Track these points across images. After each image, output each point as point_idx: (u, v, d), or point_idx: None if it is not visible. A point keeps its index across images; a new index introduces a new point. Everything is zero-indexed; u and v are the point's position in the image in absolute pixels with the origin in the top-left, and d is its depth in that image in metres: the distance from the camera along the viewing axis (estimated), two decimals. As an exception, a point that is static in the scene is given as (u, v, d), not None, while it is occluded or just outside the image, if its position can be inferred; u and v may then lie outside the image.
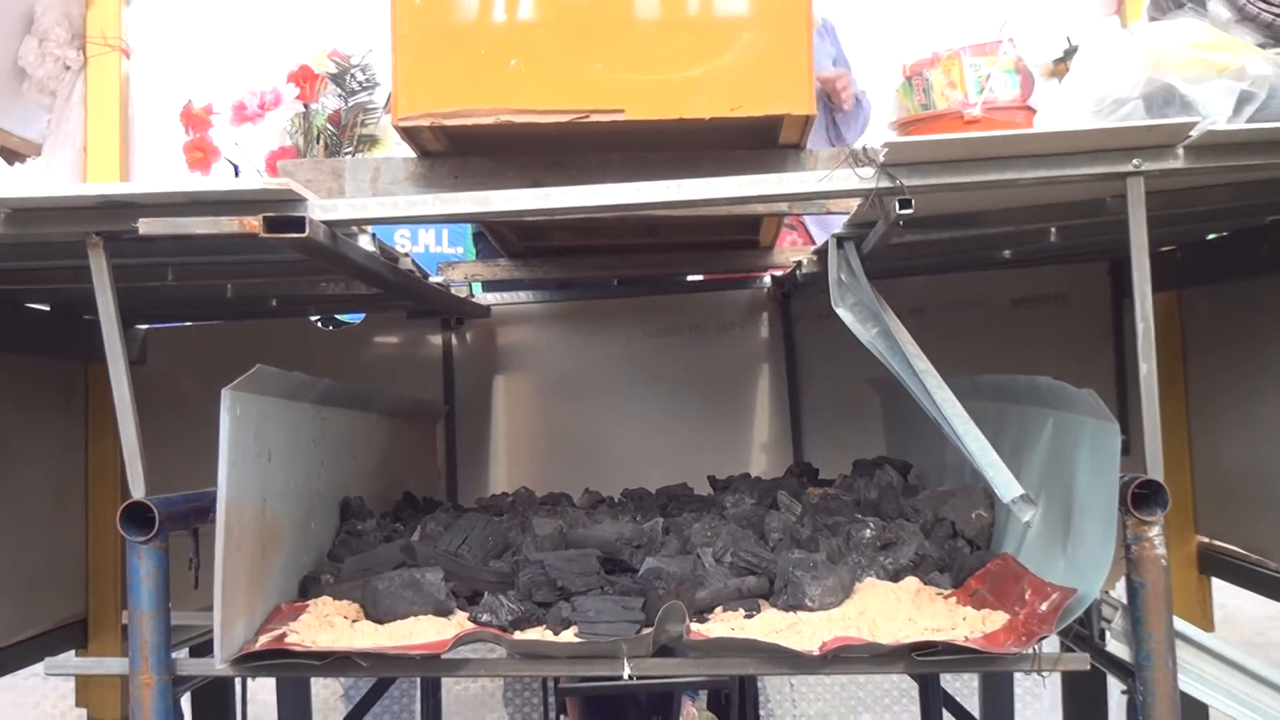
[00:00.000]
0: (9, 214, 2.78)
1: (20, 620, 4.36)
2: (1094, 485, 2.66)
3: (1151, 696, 2.60)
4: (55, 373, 4.62)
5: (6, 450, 4.35)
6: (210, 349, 4.95)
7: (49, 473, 4.61)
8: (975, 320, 4.62)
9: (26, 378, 4.47)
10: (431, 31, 3.12)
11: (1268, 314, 4.10)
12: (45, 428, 4.61)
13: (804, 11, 3.14)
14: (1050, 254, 4.07)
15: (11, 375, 4.37)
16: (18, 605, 4.36)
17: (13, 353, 4.39)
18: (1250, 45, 3.30)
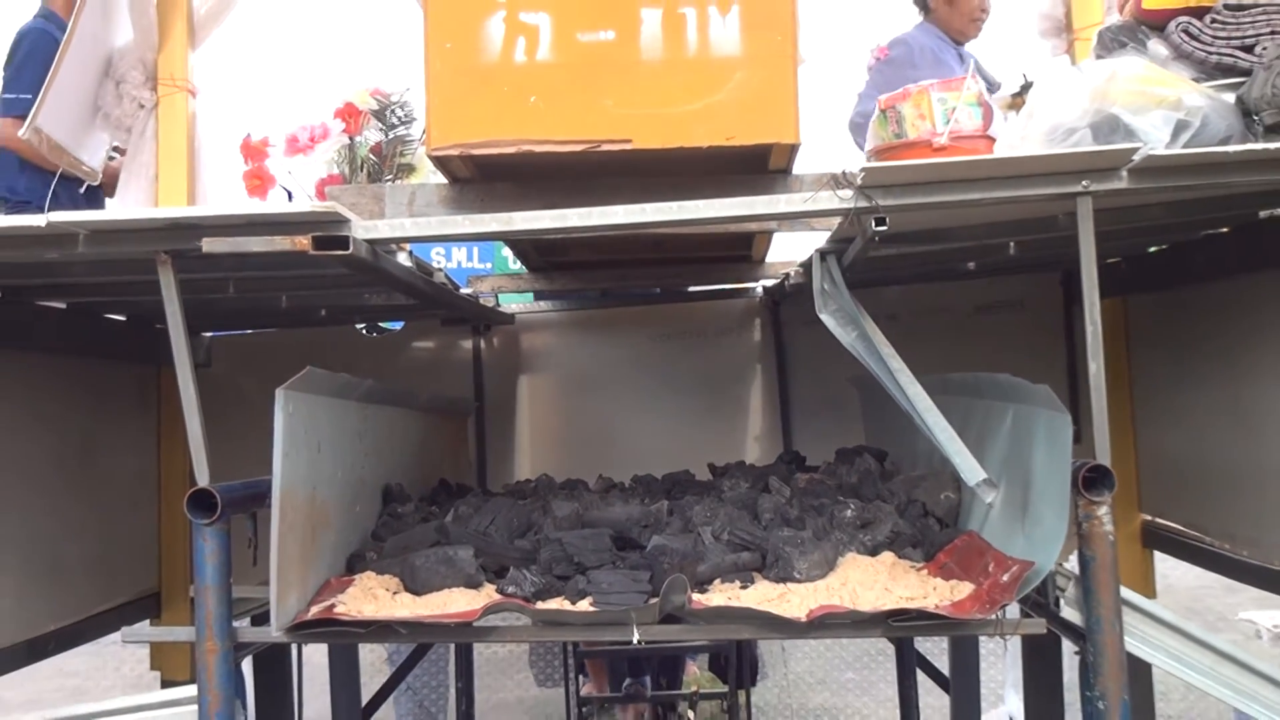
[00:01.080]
0: (89, 234, 2.79)
1: (102, 594, 4.36)
2: (1049, 470, 2.66)
3: (1101, 657, 2.60)
4: (131, 376, 4.62)
5: (89, 444, 4.35)
6: (267, 354, 4.96)
7: (126, 464, 4.62)
8: (943, 324, 4.62)
9: (106, 380, 4.47)
10: (460, 72, 3.12)
11: (1203, 318, 4.10)
12: (123, 425, 4.62)
13: (790, 53, 3.14)
14: (1009, 265, 4.06)
15: (93, 378, 4.38)
16: (99, 581, 4.36)
17: (94, 358, 4.40)
18: (1186, 80, 3.29)
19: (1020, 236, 3.46)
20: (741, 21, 3.13)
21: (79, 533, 4.24)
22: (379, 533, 3.39)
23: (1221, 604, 6.38)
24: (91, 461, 4.37)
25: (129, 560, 4.61)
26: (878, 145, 3.74)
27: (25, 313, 3.89)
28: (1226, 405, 3.98)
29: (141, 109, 4.86)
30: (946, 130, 3.53)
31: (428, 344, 5.29)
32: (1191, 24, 3.49)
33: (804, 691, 7.77)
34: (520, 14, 3.13)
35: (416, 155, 3.99)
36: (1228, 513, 4.06)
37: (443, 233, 3.18)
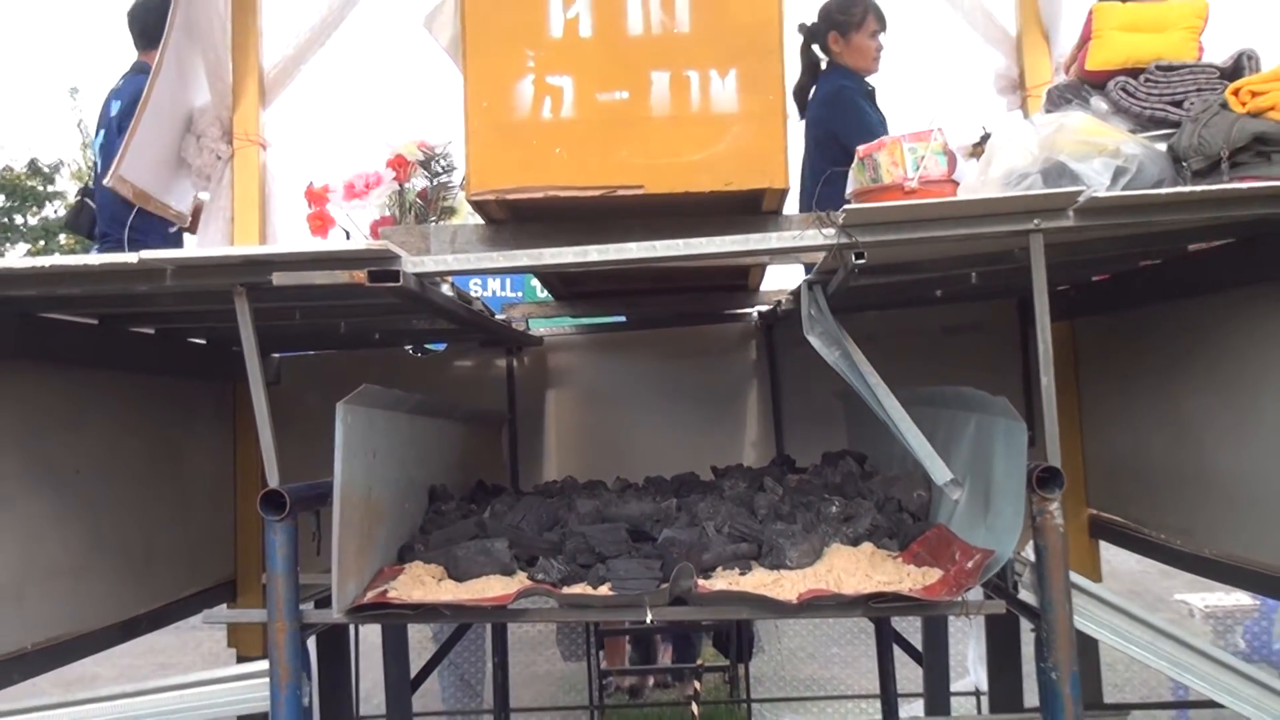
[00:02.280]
0: (175, 270, 2.80)
1: (185, 581, 4.37)
2: (1007, 471, 2.66)
3: (1053, 634, 2.60)
4: (210, 392, 4.64)
5: (175, 451, 4.37)
6: (328, 372, 4.96)
7: (206, 468, 4.63)
8: (914, 344, 4.61)
9: (189, 396, 4.49)
10: (496, 127, 3.13)
11: (1141, 338, 4.09)
12: (203, 434, 4.63)
13: (779, 110, 3.15)
14: (971, 292, 4.06)
15: (178, 394, 4.39)
16: (182, 570, 4.37)
17: (179, 376, 4.41)
18: (1123, 131, 3.30)
19: (980, 268, 3.46)
20: (738, 83, 3.13)
21: (166, 527, 4.25)
22: (426, 527, 3.39)
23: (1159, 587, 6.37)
24: (176, 466, 4.38)
25: (208, 551, 4.61)
26: (856, 189, 3.75)
27: (120, 338, 3.91)
28: (1162, 414, 3.98)
29: (219, 160, 4.88)
30: (916, 175, 3.54)
31: (467, 363, 5.29)
32: (1128, 83, 3.51)
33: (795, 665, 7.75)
34: (547, 77, 3.14)
35: (457, 199, 3.99)
36: (1164, 507, 4.06)
37: (480, 266, 3.21)
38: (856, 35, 5.12)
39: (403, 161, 3.98)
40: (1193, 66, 3.49)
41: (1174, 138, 3.27)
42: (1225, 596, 6.62)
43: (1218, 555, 3.72)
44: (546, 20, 3.16)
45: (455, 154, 4.05)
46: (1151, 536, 4.16)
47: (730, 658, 7.03)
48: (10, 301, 3.19)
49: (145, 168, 4.48)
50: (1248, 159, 3.08)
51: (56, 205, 18.13)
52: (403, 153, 4.00)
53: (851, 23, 5.09)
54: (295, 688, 2.66)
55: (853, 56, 5.17)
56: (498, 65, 3.13)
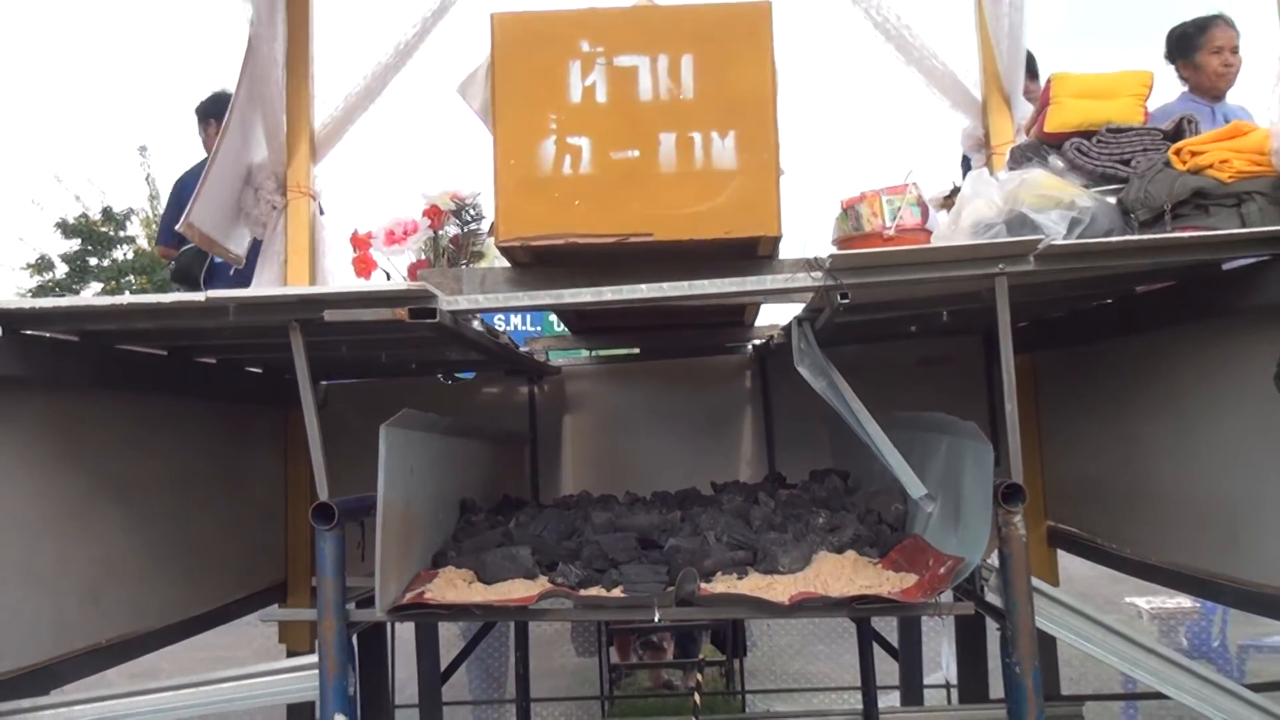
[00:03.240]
0: (238, 307, 2.81)
1: (240, 583, 4.37)
2: (975, 487, 2.66)
3: (1017, 632, 2.60)
4: (266, 415, 4.65)
5: (233, 468, 4.38)
6: (371, 397, 4.97)
7: (260, 483, 4.64)
8: (892, 374, 4.61)
9: (246, 418, 4.50)
10: (521, 181, 3.15)
11: (1094, 369, 4.10)
12: (258, 453, 4.64)
13: (773, 167, 3.16)
14: (942, 329, 4.06)
15: (236, 416, 4.41)
16: (239, 573, 4.38)
17: (237, 401, 4.43)
18: (1078, 186, 3.31)
19: (951, 307, 3.48)
20: (736, 143, 3.14)
21: (223, 536, 4.26)
22: (457, 536, 3.39)
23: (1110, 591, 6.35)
24: (234, 481, 4.39)
25: (261, 557, 4.62)
26: (839, 237, 3.76)
27: (186, 367, 3.92)
28: (1112, 437, 3.98)
29: (275, 210, 4.89)
30: (894, 224, 3.55)
31: (493, 390, 5.29)
32: (1082, 143, 3.52)
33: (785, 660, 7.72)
34: (567, 137, 3.15)
35: (485, 245, 4.00)
36: (1114, 520, 4.06)
37: (507, 305, 3.22)
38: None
39: (437, 211, 3.99)
40: (1139, 129, 3.51)
41: (1123, 192, 3.29)
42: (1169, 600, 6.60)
43: (1162, 563, 3.72)
44: (567, 88, 3.17)
45: (484, 204, 4.06)
46: (1104, 546, 4.17)
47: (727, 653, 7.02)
48: (91, 335, 3.22)
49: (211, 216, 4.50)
50: (1188, 211, 3.09)
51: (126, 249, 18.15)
52: (437, 203, 4.01)
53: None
54: (342, 679, 2.66)
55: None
56: (524, 127, 3.15)
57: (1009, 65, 4.77)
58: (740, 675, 7.02)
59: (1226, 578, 3.31)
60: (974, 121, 4.99)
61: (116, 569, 3.53)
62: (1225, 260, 3.01)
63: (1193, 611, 6.68)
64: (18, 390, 3.01)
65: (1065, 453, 4.40)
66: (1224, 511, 3.28)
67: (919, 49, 5.03)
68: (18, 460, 3.04)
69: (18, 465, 3.03)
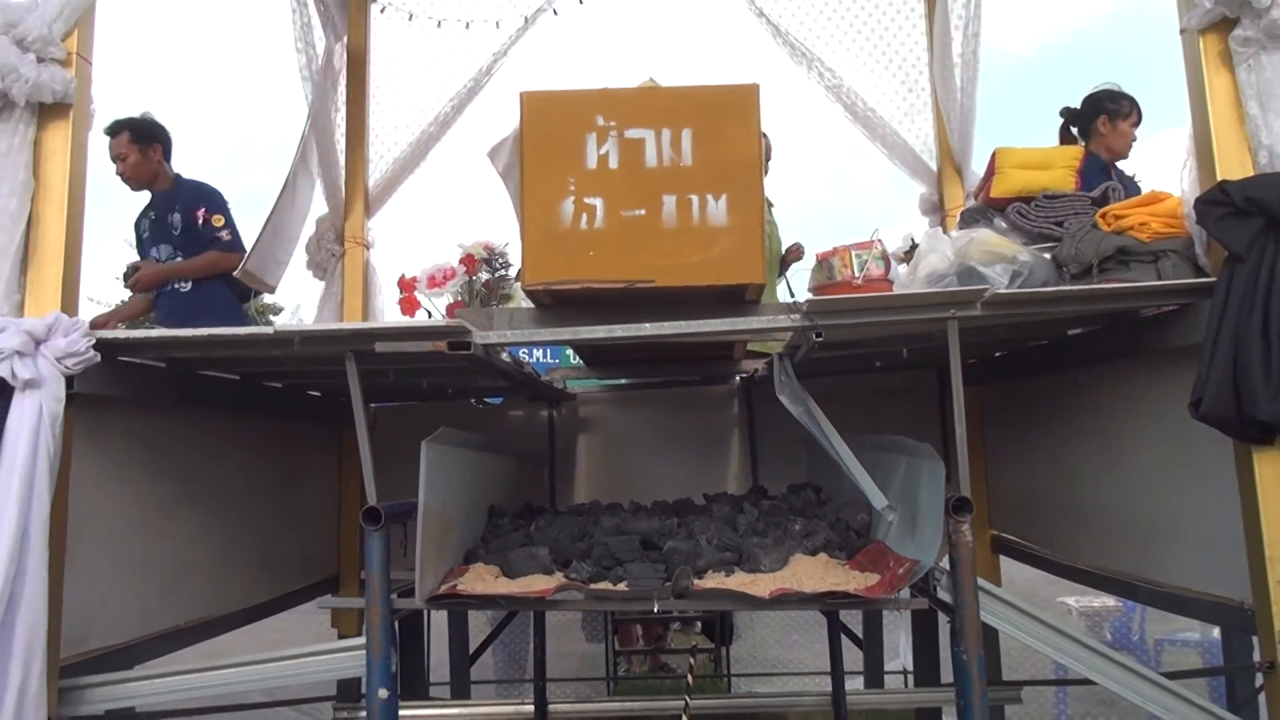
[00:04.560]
0: (301, 339, 2.83)
1: (298, 577, 4.38)
2: (930, 499, 2.67)
3: (964, 625, 2.60)
4: (323, 432, 4.66)
5: (294, 477, 4.39)
6: (414, 418, 4.97)
7: (317, 489, 4.65)
8: (860, 403, 4.55)
9: (306, 435, 4.52)
10: (545, 235, 3.16)
11: (1031, 400, 4.12)
12: (315, 464, 4.65)
13: (758, 224, 3.16)
14: (902, 364, 4.08)
15: (297, 433, 4.42)
16: (298, 567, 4.39)
17: (299, 420, 4.45)
18: (1019, 244, 3.33)
19: (910, 345, 3.48)
20: (727, 204, 3.15)
21: (286, 535, 4.27)
22: (486, 537, 3.40)
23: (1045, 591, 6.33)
24: (294, 488, 4.41)
25: (316, 554, 4.63)
26: (814, 285, 3.78)
27: (255, 390, 3.95)
28: (1047, 458, 3.99)
29: (333, 257, 4.92)
30: (861, 275, 3.57)
31: (518, 412, 5.29)
32: (1022, 207, 3.55)
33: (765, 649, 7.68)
34: (584, 198, 3.16)
35: (513, 288, 4.00)
36: (1049, 529, 4.06)
37: (531, 339, 3.23)
38: (1123, 123, 4.69)
39: (472, 259, 4.00)
40: (1071, 196, 3.54)
41: (1057, 249, 3.30)
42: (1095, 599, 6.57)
43: (1089, 567, 3.72)
44: (584, 155, 3.19)
45: (511, 253, 4.06)
46: (1040, 552, 4.17)
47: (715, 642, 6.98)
48: (176, 362, 3.24)
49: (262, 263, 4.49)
50: (1112, 266, 3.11)
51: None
52: (471, 252, 4.01)
53: (1120, 112, 4.65)
54: (386, 658, 2.66)
55: (1114, 139, 4.76)
56: (547, 189, 3.17)
57: (960, 141, 4.80)
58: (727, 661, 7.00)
59: (1143, 580, 3.31)
60: (930, 188, 5.02)
61: (193, 563, 3.54)
62: (1144, 308, 3.04)
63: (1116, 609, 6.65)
64: (112, 409, 3.02)
65: (1007, 471, 4.40)
66: (1142, 523, 3.29)
67: (882, 127, 5.07)
68: (111, 468, 3.06)
69: (110, 473, 3.05)
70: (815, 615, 6.14)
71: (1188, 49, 2.83)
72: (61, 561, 2.69)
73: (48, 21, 2.73)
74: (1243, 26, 2.68)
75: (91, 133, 2.97)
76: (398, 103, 5.16)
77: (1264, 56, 2.67)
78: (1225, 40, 2.73)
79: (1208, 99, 2.74)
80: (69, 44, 2.80)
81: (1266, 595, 2.56)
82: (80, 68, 2.83)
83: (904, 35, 5.13)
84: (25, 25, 2.71)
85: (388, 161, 5.09)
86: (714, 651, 7.05)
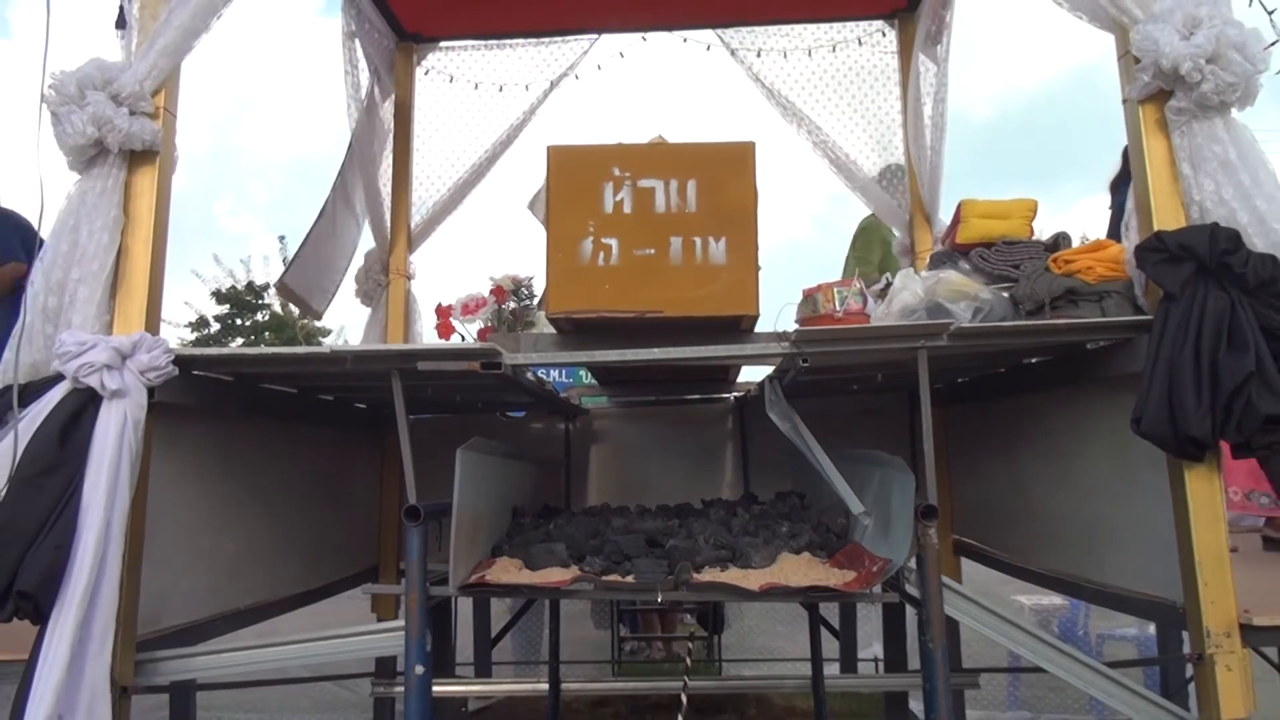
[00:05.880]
0: (353, 358, 2.86)
1: (344, 566, 4.38)
2: (901, 506, 2.68)
3: (930, 617, 2.61)
4: (368, 440, 4.68)
5: (342, 478, 4.40)
6: (449, 428, 4.98)
7: (361, 491, 4.66)
8: (840, 421, 4.55)
9: (352, 442, 4.53)
10: (566, 270, 3.19)
11: (991, 421, 4.12)
12: (360, 467, 4.66)
13: (753, 263, 3.20)
14: (878, 387, 4.10)
15: (345, 440, 4.44)
16: (343, 559, 4.39)
17: (348, 429, 4.47)
18: (981, 284, 3.34)
19: (884, 371, 3.50)
20: (726, 245, 3.18)
21: (332, 529, 4.28)
22: (510, 533, 3.40)
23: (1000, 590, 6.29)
24: (342, 488, 4.42)
25: (360, 547, 4.63)
26: (801, 317, 3.78)
27: (310, 402, 3.97)
28: (1003, 471, 3.99)
29: (379, 287, 4.96)
30: (842, 309, 3.57)
31: (538, 425, 5.29)
32: (984, 252, 3.56)
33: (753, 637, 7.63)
34: (601, 238, 3.19)
35: (537, 316, 4.02)
36: (1005, 535, 4.06)
37: (553, 361, 3.27)
38: None
39: (501, 290, 4.02)
40: (1027, 243, 3.55)
41: (1014, 289, 3.32)
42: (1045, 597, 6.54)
43: (1039, 568, 3.72)
44: (602, 201, 3.22)
45: (536, 285, 4.10)
46: (996, 554, 4.16)
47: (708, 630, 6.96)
48: (242, 376, 3.26)
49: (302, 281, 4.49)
50: (1062, 304, 3.12)
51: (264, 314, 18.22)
52: (501, 284, 4.03)
53: None
54: (421, 639, 2.67)
55: None
56: (569, 230, 3.20)
57: (929, 193, 4.83)
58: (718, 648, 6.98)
59: (1087, 580, 3.31)
60: (903, 233, 5.05)
61: (254, 553, 3.55)
62: (1089, 341, 3.05)
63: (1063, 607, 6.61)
64: (186, 417, 3.05)
65: (968, 483, 4.41)
66: (1086, 530, 3.29)
67: (861, 178, 5.10)
68: (183, 469, 3.08)
69: (182, 473, 3.07)
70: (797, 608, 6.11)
71: (1129, 117, 2.86)
72: (140, 550, 2.71)
73: (139, 79, 2.78)
74: (1177, 98, 2.71)
75: (174, 176, 3.01)
76: (439, 153, 5.22)
77: (1195, 124, 2.70)
78: (1162, 110, 2.76)
79: (1146, 160, 2.77)
80: (157, 99, 2.84)
81: (1196, 595, 2.57)
82: (166, 120, 2.87)
83: (880, 99, 5.17)
84: (120, 82, 2.75)
85: (429, 204, 5.14)
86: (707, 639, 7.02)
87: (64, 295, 2.70)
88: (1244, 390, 2.45)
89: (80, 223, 2.72)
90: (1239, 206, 2.62)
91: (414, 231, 5.10)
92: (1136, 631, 6.24)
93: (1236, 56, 2.64)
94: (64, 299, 2.70)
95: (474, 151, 5.15)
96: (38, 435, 2.48)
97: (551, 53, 5.24)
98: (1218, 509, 2.59)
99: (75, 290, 2.69)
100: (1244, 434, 2.46)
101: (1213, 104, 2.67)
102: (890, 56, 5.16)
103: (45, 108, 2.75)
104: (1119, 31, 2.88)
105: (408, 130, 5.15)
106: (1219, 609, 2.56)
